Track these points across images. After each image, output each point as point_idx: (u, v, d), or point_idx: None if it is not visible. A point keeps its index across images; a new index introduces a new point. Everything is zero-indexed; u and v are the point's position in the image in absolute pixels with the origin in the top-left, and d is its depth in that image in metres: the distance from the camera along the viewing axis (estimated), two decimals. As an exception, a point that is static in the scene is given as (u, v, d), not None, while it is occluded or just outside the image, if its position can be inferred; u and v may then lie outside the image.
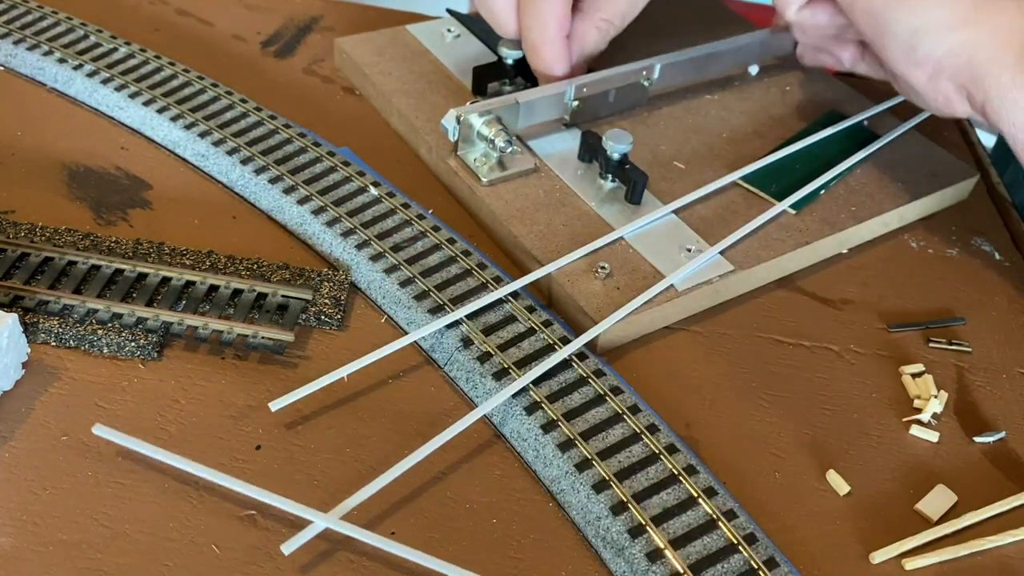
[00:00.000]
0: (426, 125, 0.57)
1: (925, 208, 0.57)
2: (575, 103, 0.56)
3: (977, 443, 0.45)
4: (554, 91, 0.55)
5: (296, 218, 0.51)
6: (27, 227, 0.48)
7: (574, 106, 0.56)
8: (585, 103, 0.57)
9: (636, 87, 0.58)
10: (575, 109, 0.56)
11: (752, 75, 0.65)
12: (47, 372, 0.43)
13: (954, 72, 0.46)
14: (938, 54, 0.46)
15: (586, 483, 0.40)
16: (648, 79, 0.58)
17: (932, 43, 0.46)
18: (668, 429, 0.42)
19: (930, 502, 0.42)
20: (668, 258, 0.49)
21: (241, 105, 0.56)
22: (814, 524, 0.41)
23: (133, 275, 0.47)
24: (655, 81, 0.59)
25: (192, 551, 0.37)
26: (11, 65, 0.60)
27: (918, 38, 0.46)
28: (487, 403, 0.42)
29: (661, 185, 0.54)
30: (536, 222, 0.51)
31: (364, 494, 0.38)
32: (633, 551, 0.38)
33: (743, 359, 0.48)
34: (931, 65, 0.47)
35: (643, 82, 0.58)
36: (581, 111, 0.57)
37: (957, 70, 0.46)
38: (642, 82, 0.58)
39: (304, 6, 0.70)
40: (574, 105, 0.56)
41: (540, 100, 0.55)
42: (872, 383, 0.47)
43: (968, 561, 0.40)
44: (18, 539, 0.37)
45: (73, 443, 0.40)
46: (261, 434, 0.42)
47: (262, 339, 0.45)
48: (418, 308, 0.46)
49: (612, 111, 0.59)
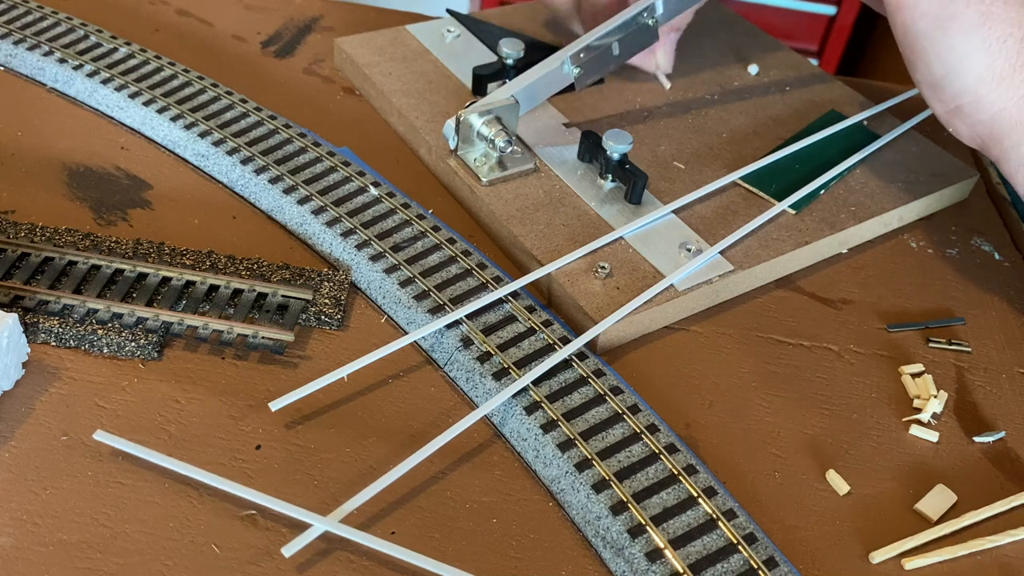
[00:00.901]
0: (426, 125, 0.57)
1: (925, 208, 0.57)
2: (576, 71, 0.54)
3: (977, 443, 0.45)
4: (549, 67, 0.53)
5: (296, 218, 0.51)
6: (27, 227, 0.48)
7: (576, 74, 0.54)
8: (588, 67, 0.54)
9: (642, 29, 0.55)
10: (578, 76, 0.54)
11: (752, 75, 0.65)
12: (47, 372, 0.43)
13: (974, 122, 0.45)
14: (964, 100, 0.45)
15: (586, 483, 0.40)
16: (652, 16, 0.55)
17: (961, 88, 0.45)
18: (668, 429, 0.42)
19: (930, 502, 0.42)
20: (668, 257, 0.49)
21: (241, 105, 0.56)
22: (814, 524, 0.41)
23: (133, 275, 0.47)
24: (660, 17, 0.55)
25: (192, 551, 0.37)
26: (11, 65, 0.60)
27: (950, 79, 0.45)
28: (487, 403, 0.42)
29: (661, 185, 0.54)
30: (536, 222, 0.51)
31: (364, 496, 0.38)
32: (633, 551, 0.38)
33: (743, 359, 0.48)
34: (953, 104, 0.46)
35: (647, 21, 0.55)
36: (587, 74, 0.54)
37: (978, 121, 0.45)
38: (647, 21, 0.55)
39: (304, 6, 0.70)
40: (575, 73, 0.54)
41: (536, 82, 0.53)
42: (872, 383, 0.47)
43: (968, 561, 0.40)
44: (18, 539, 0.37)
45: (73, 443, 0.40)
46: (261, 434, 0.42)
47: (262, 339, 0.45)
48: (418, 308, 0.46)
49: (621, 62, 0.56)
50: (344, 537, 0.38)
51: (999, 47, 0.43)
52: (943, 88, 0.45)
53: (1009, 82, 0.44)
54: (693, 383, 0.46)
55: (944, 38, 0.44)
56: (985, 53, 0.43)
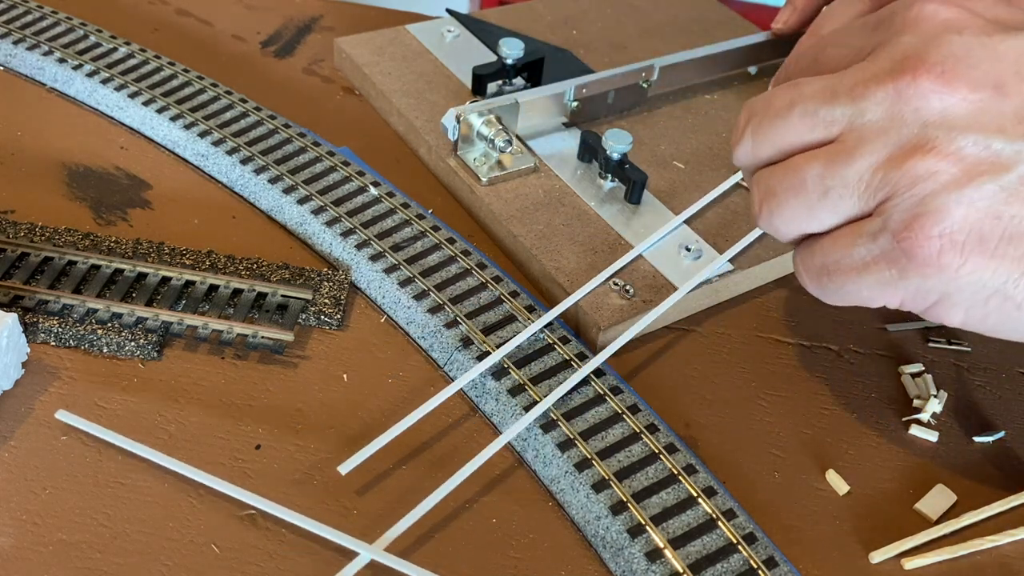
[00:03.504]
0: (426, 125, 0.57)
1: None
2: (574, 104, 0.56)
3: (976, 443, 0.45)
4: (554, 91, 0.55)
5: (296, 218, 0.51)
6: (27, 227, 0.48)
7: (573, 107, 0.56)
8: (584, 104, 0.57)
9: (635, 88, 0.58)
10: (574, 109, 0.56)
11: (752, 75, 0.65)
12: (47, 372, 0.43)
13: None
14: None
15: (586, 483, 0.40)
16: (647, 80, 0.59)
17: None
18: (667, 429, 0.42)
19: (929, 502, 0.42)
20: (668, 257, 0.49)
21: (241, 105, 0.56)
22: (814, 524, 0.41)
23: (133, 275, 0.47)
24: (654, 82, 0.59)
25: (192, 551, 0.37)
26: (11, 65, 0.60)
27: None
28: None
29: (661, 185, 0.54)
30: (536, 222, 0.51)
31: (406, 523, 0.38)
32: (633, 551, 0.38)
33: (743, 359, 0.48)
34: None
35: (642, 84, 0.59)
36: (580, 111, 0.57)
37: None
38: (641, 84, 0.58)
39: (304, 6, 0.70)
40: (573, 106, 0.56)
41: (540, 100, 0.55)
42: (871, 383, 0.47)
43: (967, 561, 0.40)
44: (18, 539, 0.37)
45: (73, 443, 0.40)
46: (261, 434, 0.42)
47: (262, 339, 0.45)
48: (418, 308, 0.46)
49: (611, 112, 0.59)
50: (385, 564, 0.38)
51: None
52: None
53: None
54: (693, 383, 0.46)
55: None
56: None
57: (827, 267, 0.36)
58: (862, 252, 0.35)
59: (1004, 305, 0.34)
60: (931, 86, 0.32)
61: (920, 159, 0.32)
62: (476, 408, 0.44)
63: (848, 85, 0.34)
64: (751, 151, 0.37)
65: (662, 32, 0.68)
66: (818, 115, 0.35)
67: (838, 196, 0.34)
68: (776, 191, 0.36)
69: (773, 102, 0.36)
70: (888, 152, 0.33)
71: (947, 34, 0.33)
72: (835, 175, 0.34)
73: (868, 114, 0.33)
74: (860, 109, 0.34)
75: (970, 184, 0.32)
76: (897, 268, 0.34)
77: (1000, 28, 0.33)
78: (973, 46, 0.33)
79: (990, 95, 0.32)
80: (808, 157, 0.35)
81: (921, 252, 0.33)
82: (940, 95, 0.32)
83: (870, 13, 0.48)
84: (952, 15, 0.34)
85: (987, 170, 0.32)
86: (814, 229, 0.36)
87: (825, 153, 0.34)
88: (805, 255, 0.37)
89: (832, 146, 0.34)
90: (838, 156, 0.34)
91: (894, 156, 0.33)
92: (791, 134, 0.36)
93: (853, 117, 0.34)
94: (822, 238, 0.36)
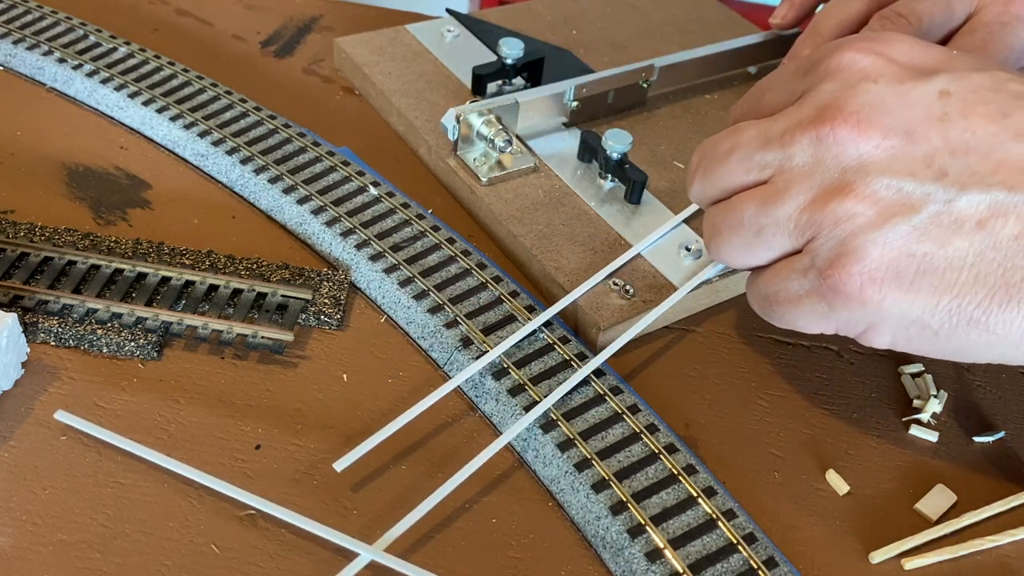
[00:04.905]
0: (426, 125, 0.57)
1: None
2: (574, 104, 0.56)
3: (976, 443, 0.45)
4: (554, 91, 0.55)
5: (296, 218, 0.51)
6: (27, 227, 0.48)
7: (573, 107, 0.56)
8: (584, 104, 0.57)
9: (635, 88, 0.58)
10: (574, 109, 0.56)
11: (752, 75, 0.65)
12: (47, 372, 0.43)
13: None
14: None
15: (585, 483, 0.40)
16: (647, 80, 0.59)
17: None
18: (667, 429, 0.42)
19: (929, 502, 0.42)
20: (668, 257, 0.49)
21: (241, 105, 0.56)
22: (814, 524, 0.41)
23: (133, 275, 0.47)
24: (653, 82, 0.59)
25: (192, 551, 0.37)
26: (11, 65, 0.60)
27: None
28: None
29: (661, 185, 0.54)
30: (536, 222, 0.51)
31: (405, 524, 0.38)
32: (632, 551, 0.38)
33: (743, 359, 0.48)
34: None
35: (642, 84, 0.58)
36: (580, 111, 0.57)
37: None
38: (641, 84, 0.58)
39: (304, 6, 0.70)
40: (573, 106, 0.56)
41: (539, 100, 0.55)
42: (871, 383, 0.47)
43: (967, 561, 0.40)
44: (18, 539, 0.37)
45: (73, 443, 0.40)
46: (261, 434, 0.42)
47: (262, 339, 0.45)
48: (418, 308, 0.46)
49: (611, 112, 0.59)
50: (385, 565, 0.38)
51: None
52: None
53: None
54: (693, 383, 0.46)
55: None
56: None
57: (768, 297, 0.39)
58: (795, 286, 0.37)
59: (923, 332, 0.36)
60: (847, 134, 0.35)
61: (840, 201, 0.35)
62: (476, 408, 0.44)
63: (778, 132, 0.37)
64: (701, 191, 0.40)
65: (662, 32, 0.68)
66: (752, 160, 0.37)
67: (771, 234, 0.37)
68: (720, 228, 0.39)
69: (717, 147, 0.39)
70: (813, 194, 0.35)
71: (864, 83, 0.35)
72: (767, 215, 0.36)
73: (795, 159, 0.36)
74: (788, 154, 0.36)
75: (885, 225, 0.34)
76: (826, 302, 0.36)
77: (913, 74, 0.36)
78: (887, 94, 0.35)
79: (901, 141, 0.34)
80: (744, 198, 0.38)
81: (844, 288, 0.35)
82: (856, 142, 0.35)
83: (869, 12, 0.49)
84: (868, 64, 0.36)
85: (899, 211, 0.34)
86: (756, 263, 0.39)
87: (759, 194, 0.37)
88: (751, 284, 0.40)
89: (765, 187, 0.37)
90: (769, 197, 0.36)
91: (817, 198, 0.35)
92: (731, 176, 0.38)
93: (783, 161, 0.36)
94: (765, 270, 0.39)
